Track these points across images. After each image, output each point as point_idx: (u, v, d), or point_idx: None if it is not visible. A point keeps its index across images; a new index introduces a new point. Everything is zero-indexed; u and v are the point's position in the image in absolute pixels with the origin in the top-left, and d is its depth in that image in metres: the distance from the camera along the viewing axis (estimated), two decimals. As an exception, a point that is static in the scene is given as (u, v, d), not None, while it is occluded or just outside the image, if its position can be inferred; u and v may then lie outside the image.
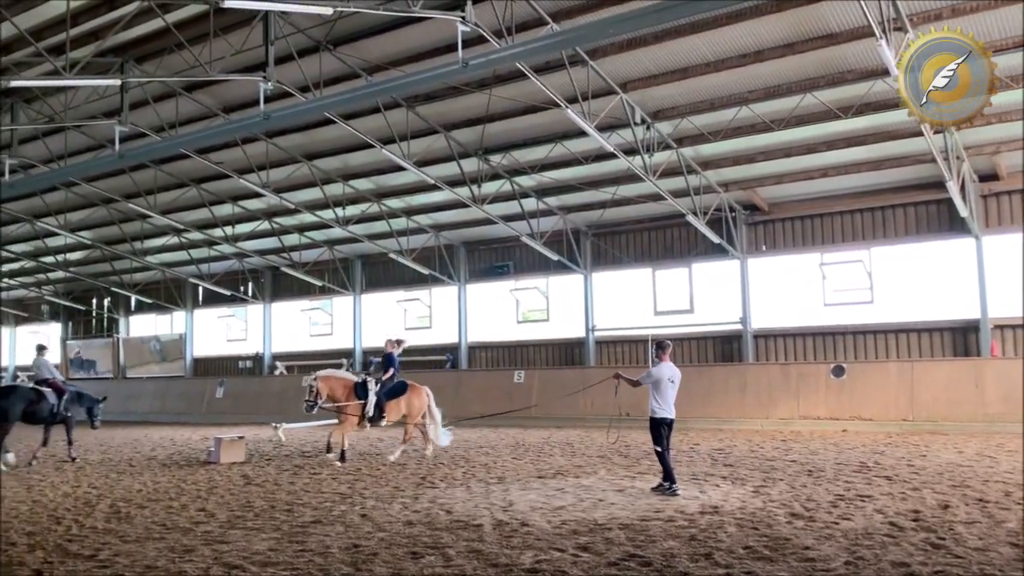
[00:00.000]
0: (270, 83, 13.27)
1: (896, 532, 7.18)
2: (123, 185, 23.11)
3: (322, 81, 15.05)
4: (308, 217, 24.47)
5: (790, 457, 12.82)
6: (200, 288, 33.09)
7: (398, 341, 14.30)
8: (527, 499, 9.21)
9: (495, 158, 20.00)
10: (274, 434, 16.68)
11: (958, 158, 17.48)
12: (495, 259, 27.26)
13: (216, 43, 13.46)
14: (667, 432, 9.65)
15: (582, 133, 16.76)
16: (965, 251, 19.76)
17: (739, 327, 22.69)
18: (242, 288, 32.00)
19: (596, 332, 25.12)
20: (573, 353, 25.61)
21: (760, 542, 6.85)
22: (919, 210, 20.53)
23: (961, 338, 19.94)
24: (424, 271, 26.84)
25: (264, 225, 26.14)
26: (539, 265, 25.78)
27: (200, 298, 33.99)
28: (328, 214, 23.65)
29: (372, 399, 13.29)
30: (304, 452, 14.99)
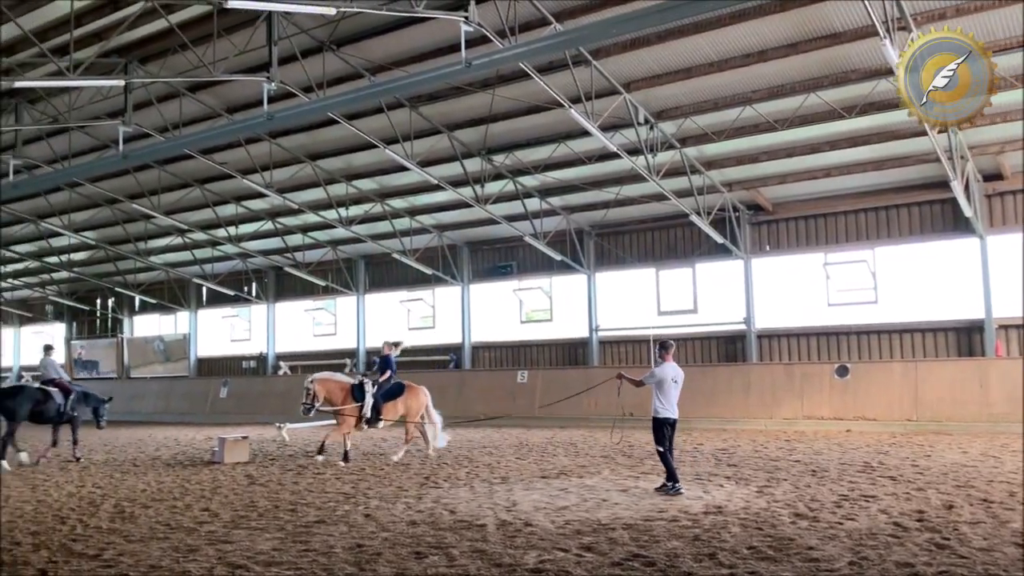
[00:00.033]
0: (273, 83, 13.28)
1: (900, 532, 7.16)
2: (127, 185, 23.16)
3: (325, 81, 15.08)
4: (312, 217, 24.51)
5: (794, 457, 12.79)
6: (204, 288, 33.11)
7: (395, 343, 14.34)
8: (531, 499, 9.20)
9: (498, 158, 20.00)
10: (278, 434, 16.72)
11: (962, 158, 17.44)
12: (498, 259, 27.27)
13: (220, 44, 13.52)
14: (670, 432, 9.66)
15: (585, 133, 16.77)
16: (969, 251, 19.74)
17: (743, 327, 22.67)
18: (246, 288, 32.06)
19: (600, 332, 25.11)
20: (577, 353, 25.61)
21: (764, 542, 6.84)
22: (923, 210, 20.51)
23: (965, 338, 19.90)
24: (427, 271, 26.86)
25: (268, 225, 26.17)
26: (542, 265, 25.78)
27: (204, 298, 34.03)
28: (331, 214, 23.67)
29: (369, 401, 13.29)
30: (308, 452, 14.98)
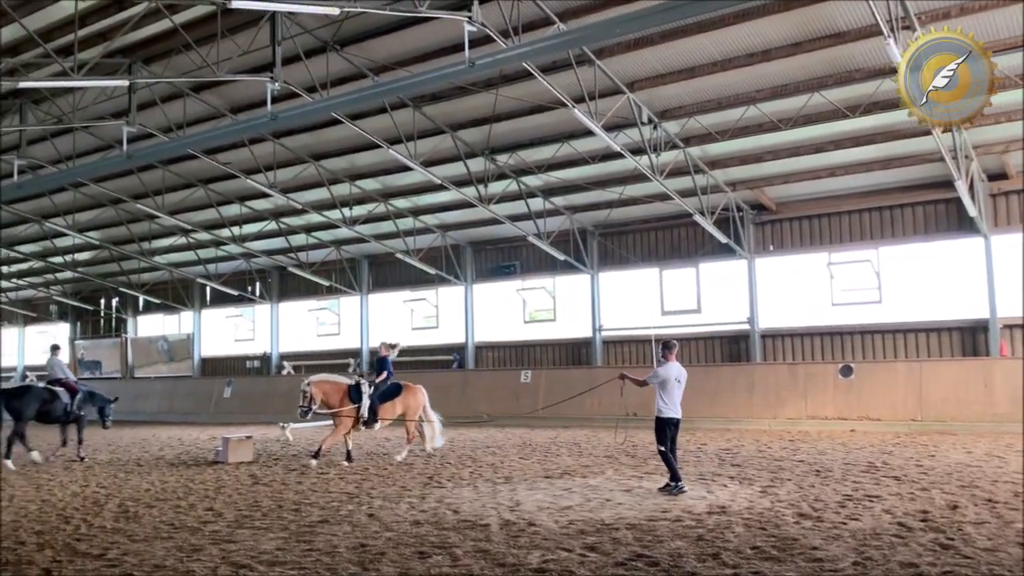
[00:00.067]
0: (277, 84, 13.28)
1: (904, 532, 7.16)
2: (131, 186, 23.18)
3: (329, 81, 15.09)
4: (315, 217, 24.52)
5: (798, 457, 12.77)
6: (208, 288, 33.14)
7: (392, 344, 14.43)
8: (534, 499, 9.21)
9: (502, 158, 19.98)
10: (282, 434, 16.75)
11: (967, 157, 17.39)
12: (502, 259, 27.26)
13: (223, 44, 13.54)
14: (673, 432, 9.66)
15: (589, 133, 16.75)
16: (974, 250, 19.67)
17: (746, 327, 22.64)
18: (249, 288, 32.08)
19: (603, 332, 25.09)
20: (580, 353, 25.59)
21: (768, 542, 6.83)
22: (927, 209, 20.46)
23: (970, 338, 19.84)
24: (431, 271, 26.85)
25: (271, 225, 26.19)
26: (546, 265, 25.77)
27: (208, 298, 34.06)
28: (335, 214, 23.67)
29: (366, 402, 13.29)
30: (312, 452, 14.99)
